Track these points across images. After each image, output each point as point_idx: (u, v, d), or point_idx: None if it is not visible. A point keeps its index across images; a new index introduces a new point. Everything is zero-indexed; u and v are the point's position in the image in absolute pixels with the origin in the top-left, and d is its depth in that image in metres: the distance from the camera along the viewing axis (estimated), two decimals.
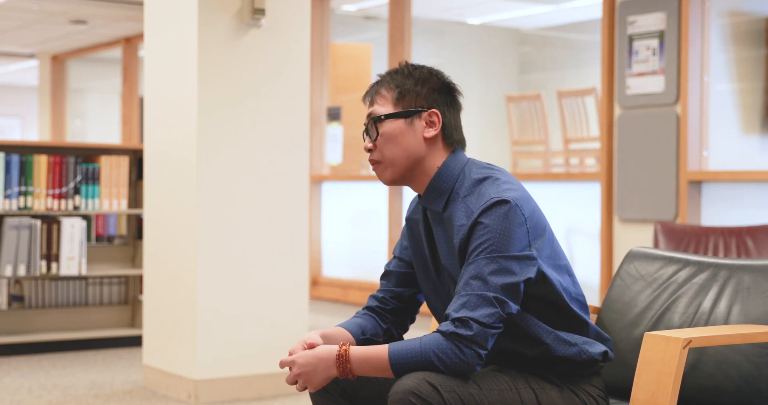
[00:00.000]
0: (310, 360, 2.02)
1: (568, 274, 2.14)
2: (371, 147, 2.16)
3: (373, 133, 2.15)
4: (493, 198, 2.03)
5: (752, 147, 5.74)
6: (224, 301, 4.19)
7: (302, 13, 4.37)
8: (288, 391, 4.32)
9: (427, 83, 2.15)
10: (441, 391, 1.92)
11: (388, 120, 2.13)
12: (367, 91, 2.20)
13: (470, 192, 2.09)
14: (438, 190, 2.14)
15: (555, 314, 2.11)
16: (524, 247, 2.02)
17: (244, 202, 4.24)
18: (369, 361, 1.99)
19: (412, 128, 2.13)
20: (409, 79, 2.15)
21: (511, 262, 2.00)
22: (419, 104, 2.14)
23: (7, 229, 5.11)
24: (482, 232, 2.01)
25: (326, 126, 7.91)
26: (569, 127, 7.73)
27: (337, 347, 2.01)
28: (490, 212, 2.02)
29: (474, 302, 1.98)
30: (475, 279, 1.99)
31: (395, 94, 2.14)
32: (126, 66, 10.68)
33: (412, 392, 1.91)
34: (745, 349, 2.23)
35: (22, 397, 4.22)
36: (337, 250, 7.92)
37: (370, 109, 2.17)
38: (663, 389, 1.99)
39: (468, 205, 2.07)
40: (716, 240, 4.44)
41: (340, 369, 2.00)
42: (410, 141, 2.13)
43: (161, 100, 4.39)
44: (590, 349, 2.12)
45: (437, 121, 2.14)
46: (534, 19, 10.20)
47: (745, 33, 5.64)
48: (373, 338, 2.26)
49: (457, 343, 1.95)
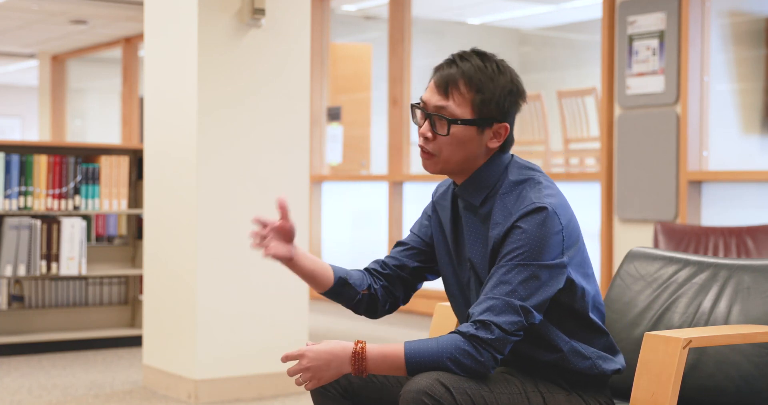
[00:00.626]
0: (322, 355, 1.98)
1: (593, 284, 2.13)
2: (430, 137, 2.09)
3: (443, 130, 2.08)
4: (534, 203, 2.02)
5: (752, 147, 5.74)
6: (224, 301, 4.19)
7: (302, 13, 4.37)
8: (288, 391, 4.32)
9: (509, 96, 2.09)
10: (453, 392, 1.91)
11: (463, 126, 2.07)
12: (441, 68, 2.11)
13: (509, 191, 2.08)
14: (479, 184, 2.11)
15: (574, 323, 2.10)
16: (557, 255, 2.02)
17: (244, 202, 4.23)
18: (385, 359, 1.98)
19: (480, 137, 2.09)
20: (493, 84, 2.07)
21: (543, 270, 1.99)
22: (495, 115, 2.08)
23: (7, 229, 5.10)
24: (518, 237, 2.00)
25: (326, 126, 7.91)
26: (569, 127, 7.73)
27: (352, 344, 1.98)
28: (528, 218, 2.01)
29: (500, 307, 1.97)
30: (505, 284, 1.98)
31: (477, 99, 2.06)
32: (126, 66, 10.68)
33: (425, 392, 1.90)
34: (745, 349, 2.23)
35: (22, 397, 4.22)
36: (337, 250, 7.92)
37: (443, 102, 2.07)
38: (663, 389, 1.99)
39: (507, 205, 2.06)
40: (716, 240, 4.44)
41: (355, 367, 1.98)
42: (473, 148, 2.09)
43: (161, 100, 4.39)
44: (603, 364, 2.12)
45: (504, 134, 2.10)
46: (534, 19, 10.20)
47: (745, 33, 5.64)
48: (354, 286, 2.22)
49: (475, 344, 1.95)
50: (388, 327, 6.17)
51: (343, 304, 2.26)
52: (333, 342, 2.00)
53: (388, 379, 2.16)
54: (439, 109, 2.08)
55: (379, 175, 7.47)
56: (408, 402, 1.92)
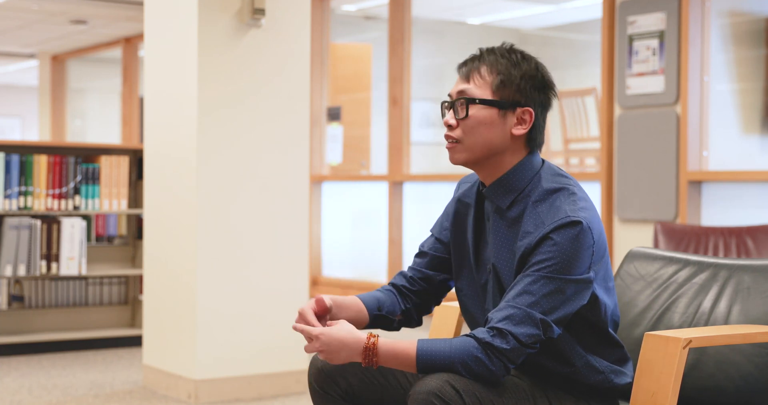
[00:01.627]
0: (334, 343, 1.97)
1: (613, 297, 2.11)
2: (453, 124, 2.08)
3: (462, 113, 2.07)
4: (570, 217, 1.98)
5: (752, 147, 5.74)
6: (224, 301, 4.19)
7: (302, 13, 4.37)
8: (288, 391, 4.32)
9: (532, 79, 2.07)
10: (463, 395, 1.90)
11: (482, 105, 2.06)
12: (464, 61, 2.11)
13: (542, 199, 2.04)
14: (508, 187, 2.08)
15: (592, 336, 2.08)
16: (585, 270, 1.98)
17: (244, 202, 4.23)
18: (397, 356, 1.96)
19: (503, 121, 2.06)
20: (515, 69, 2.06)
21: (569, 285, 1.97)
22: (518, 99, 2.06)
23: (7, 229, 5.10)
24: (549, 249, 1.97)
25: (326, 126, 7.91)
26: (569, 127, 7.73)
27: (365, 337, 1.97)
28: (562, 230, 1.97)
29: (520, 317, 1.95)
30: (528, 294, 1.96)
31: (497, 80, 2.05)
32: (126, 66, 10.68)
33: (435, 394, 1.89)
34: (745, 349, 2.23)
35: (22, 397, 4.22)
36: (337, 250, 7.92)
37: (464, 85, 2.08)
38: (663, 389, 1.99)
39: (539, 214, 2.02)
40: (716, 240, 4.43)
41: (366, 360, 1.97)
42: (497, 133, 2.06)
43: (161, 100, 4.39)
44: (615, 379, 2.10)
45: (529, 120, 2.07)
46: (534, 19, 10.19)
47: (745, 33, 5.64)
48: (389, 316, 2.22)
49: (489, 353, 1.93)
50: None
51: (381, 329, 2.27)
52: (347, 331, 1.98)
53: (389, 380, 2.16)
54: (460, 93, 2.08)
55: (379, 175, 7.47)
56: (418, 402, 1.91)
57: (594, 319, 2.06)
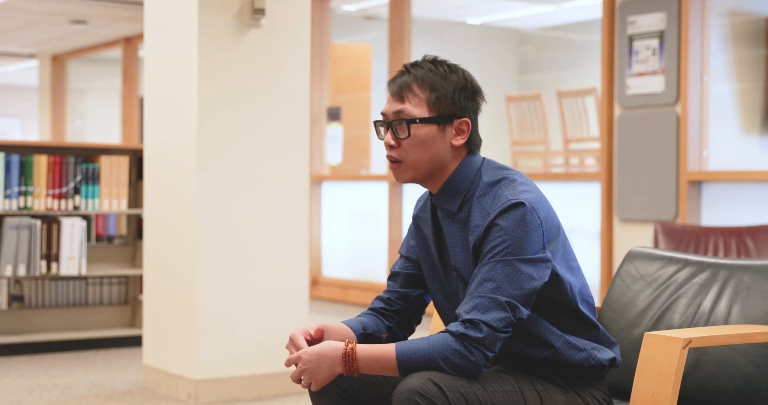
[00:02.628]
0: (314, 357, 2.00)
1: (579, 276, 2.14)
2: (394, 144, 2.12)
3: (403, 134, 2.10)
4: (510, 200, 2.02)
5: (752, 147, 5.74)
6: (224, 301, 4.19)
7: (302, 13, 4.37)
8: (288, 391, 4.32)
9: (464, 90, 2.11)
10: (446, 391, 1.92)
11: (422, 124, 2.09)
12: (395, 79, 2.14)
13: (485, 192, 2.08)
14: (453, 190, 2.12)
15: (565, 317, 2.10)
16: (539, 249, 2.02)
17: (244, 202, 4.24)
18: (376, 360, 1.99)
19: (443, 134, 2.10)
20: (446, 81, 2.10)
21: (525, 265, 2.00)
22: (453, 111, 2.10)
23: (7, 229, 5.11)
24: (498, 234, 2.01)
25: (326, 126, 7.91)
26: (569, 127, 7.73)
27: (342, 345, 2.00)
28: (506, 214, 2.01)
29: (486, 305, 1.97)
30: (489, 281, 1.99)
31: (432, 97, 2.09)
32: (126, 66, 10.68)
33: (417, 392, 1.90)
34: (745, 349, 2.23)
35: (22, 397, 4.22)
36: (337, 250, 7.92)
37: (399, 105, 2.11)
38: (663, 389, 1.99)
39: (483, 205, 2.06)
40: (716, 240, 4.44)
41: (346, 367, 1.99)
42: (438, 147, 2.10)
43: (161, 100, 4.39)
44: (599, 354, 2.12)
45: (467, 130, 2.12)
46: (534, 19, 10.20)
47: (745, 33, 5.64)
48: (375, 334, 2.25)
49: (466, 344, 1.95)
50: None
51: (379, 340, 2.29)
52: (326, 343, 2.01)
53: (387, 378, 2.16)
54: (397, 113, 2.11)
55: (379, 175, 7.47)
56: (401, 402, 1.92)
57: (561, 298, 2.08)
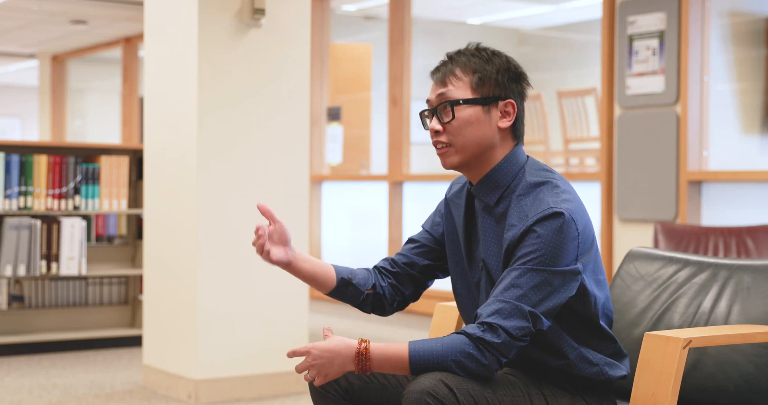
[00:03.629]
0: (326, 353, 1.97)
1: (604, 290, 2.12)
2: (440, 129, 2.10)
3: (447, 117, 2.09)
4: (552, 208, 2.00)
5: (752, 147, 5.74)
6: (224, 301, 4.19)
7: (302, 13, 4.37)
8: (288, 391, 4.32)
9: (507, 72, 2.10)
10: (457, 393, 1.91)
11: (466, 104, 2.08)
12: (437, 67, 2.13)
13: (526, 193, 2.06)
14: (494, 183, 2.10)
15: (584, 330, 2.09)
16: (571, 261, 2.00)
17: (244, 202, 4.23)
18: (389, 360, 1.97)
19: (488, 116, 2.08)
20: (489, 64, 2.09)
21: (556, 276, 1.98)
22: (497, 93, 2.09)
23: (7, 229, 5.10)
24: (533, 241, 1.98)
25: (326, 126, 7.91)
26: (569, 127, 7.73)
27: (356, 343, 1.97)
28: (545, 222, 1.98)
29: (508, 311, 1.95)
30: (516, 288, 1.97)
31: (475, 79, 2.08)
32: (126, 66, 10.68)
33: (429, 393, 1.90)
34: (745, 349, 2.23)
35: (22, 397, 4.22)
36: (337, 250, 7.92)
37: (442, 89, 2.10)
38: (663, 389, 1.99)
39: (523, 206, 2.04)
40: (716, 240, 4.44)
41: (358, 366, 1.97)
42: (484, 129, 2.08)
43: (161, 100, 4.39)
44: (610, 371, 2.11)
45: (512, 112, 2.10)
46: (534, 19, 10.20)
47: (745, 33, 5.64)
48: (358, 287, 2.22)
49: (481, 347, 1.94)
50: (389, 327, 6.17)
51: (349, 303, 2.26)
52: (338, 340, 1.99)
53: (389, 380, 2.16)
54: (441, 97, 2.10)
55: (379, 175, 7.47)
56: (411, 402, 1.91)
57: (584, 311, 2.06)
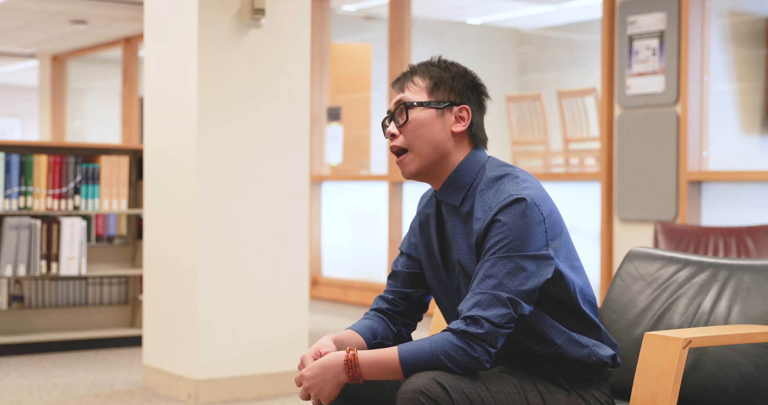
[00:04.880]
0: (317, 370, 2.01)
1: (582, 276, 2.14)
2: (396, 132, 2.15)
3: (402, 119, 2.14)
4: (512, 195, 2.02)
5: (752, 147, 5.75)
6: (224, 301, 4.20)
7: (302, 13, 4.37)
8: (288, 391, 4.32)
9: (462, 80, 2.16)
10: (450, 391, 1.92)
11: (420, 107, 2.13)
12: (398, 78, 2.19)
13: (488, 187, 2.09)
14: (457, 184, 2.13)
15: (567, 315, 2.10)
16: (541, 246, 2.02)
17: (244, 202, 4.24)
18: (379, 364, 1.99)
19: (442, 120, 2.13)
20: (445, 72, 2.15)
21: (527, 261, 2.00)
22: (452, 98, 2.14)
23: (7, 229, 5.11)
24: (499, 230, 2.01)
25: (326, 126, 7.91)
26: (569, 127, 7.73)
27: (344, 353, 2.00)
28: (508, 210, 2.01)
29: (487, 301, 1.97)
30: (490, 278, 1.99)
31: (430, 83, 2.14)
32: (126, 66, 10.68)
33: (422, 392, 1.90)
34: (745, 349, 2.23)
35: (22, 397, 4.22)
36: (337, 250, 7.92)
37: (400, 95, 2.16)
38: (663, 389, 1.99)
39: (485, 200, 2.07)
40: (716, 240, 4.44)
41: (349, 374, 1.99)
42: (438, 132, 2.12)
43: (161, 100, 4.39)
44: (600, 351, 2.12)
45: (467, 117, 2.14)
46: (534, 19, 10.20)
47: (745, 33, 5.64)
48: (384, 342, 2.25)
49: (467, 340, 1.95)
50: None
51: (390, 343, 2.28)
52: (327, 355, 2.02)
53: (388, 381, 2.16)
54: (398, 103, 2.16)
55: (379, 175, 7.48)
56: (405, 402, 1.92)
57: (563, 296, 2.08)
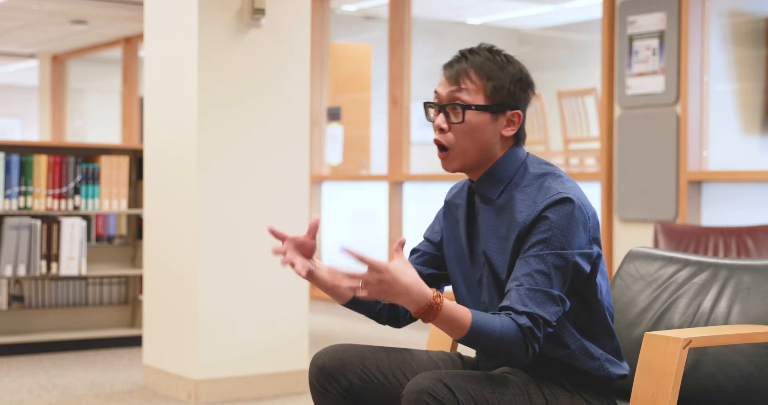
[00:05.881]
0: (398, 287, 1.91)
1: (606, 282, 2.14)
2: (446, 128, 2.11)
3: (457, 119, 2.10)
4: (561, 193, 2.03)
5: (752, 147, 5.74)
6: (224, 301, 4.19)
7: (302, 13, 4.37)
8: (288, 391, 4.32)
9: (519, 82, 2.12)
10: (456, 392, 1.91)
11: (477, 111, 2.09)
12: (451, 63, 2.14)
13: (530, 183, 2.08)
14: (496, 178, 2.12)
15: (588, 319, 2.10)
16: (585, 245, 2.04)
17: (244, 202, 4.23)
18: (452, 321, 1.94)
19: (494, 124, 2.11)
20: (503, 73, 2.10)
21: (576, 258, 2.01)
22: (508, 102, 2.11)
23: (7, 229, 5.10)
24: (546, 227, 2.01)
25: (326, 126, 7.91)
26: (569, 127, 7.73)
27: (431, 294, 1.93)
28: (556, 207, 2.01)
29: (540, 298, 1.98)
30: (540, 274, 1.98)
31: (489, 86, 2.09)
32: (126, 66, 10.68)
33: (428, 393, 1.90)
34: (745, 349, 2.23)
35: (22, 397, 4.22)
36: (337, 250, 7.91)
37: (454, 88, 2.10)
38: (663, 389, 1.99)
39: (529, 195, 2.06)
40: (716, 240, 4.44)
41: (422, 314, 1.93)
42: (489, 136, 2.11)
43: (161, 100, 4.39)
44: (610, 368, 2.11)
45: (517, 122, 2.13)
46: (534, 19, 10.19)
47: (745, 33, 5.64)
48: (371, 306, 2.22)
49: (528, 339, 1.96)
50: (389, 326, 6.17)
51: (365, 314, 2.26)
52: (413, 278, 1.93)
53: (389, 380, 2.16)
54: (453, 98, 2.11)
55: (379, 175, 7.47)
56: (410, 402, 1.91)
57: (590, 297, 2.08)
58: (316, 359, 2.18)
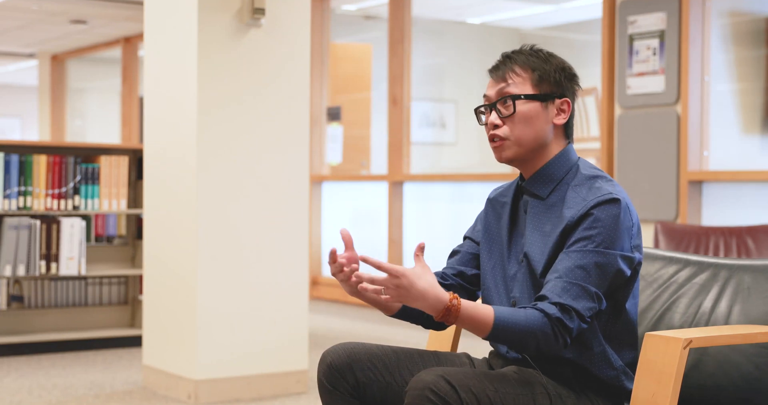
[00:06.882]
0: (414, 292, 1.93)
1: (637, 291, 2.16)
2: (499, 123, 2.15)
3: (508, 111, 2.14)
4: (611, 194, 2.06)
5: (752, 147, 5.74)
6: (224, 301, 4.19)
7: (302, 13, 4.37)
8: (288, 391, 4.32)
9: (564, 71, 2.17)
10: (458, 389, 1.92)
11: (526, 100, 2.14)
12: (496, 65, 2.19)
13: (581, 184, 2.11)
14: (548, 176, 2.15)
15: (615, 324, 2.11)
16: (628, 248, 2.05)
17: (244, 202, 4.23)
18: (473, 320, 1.96)
19: (546, 112, 2.15)
20: (547, 64, 2.16)
21: (617, 259, 2.02)
22: (555, 90, 2.15)
23: (7, 229, 5.10)
24: (593, 224, 2.03)
25: (326, 126, 7.91)
26: None
27: (447, 297, 1.95)
28: (605, 206, 2.04)
29: (576, 292, 1.99)
30: (580, 269, 2.00)
31: (535, 76, 2.14)
32: (126, 66, 10.68)
33: (430, 389, 1.90)
34: (745, 350, 2.22)
35: (22, 397, 4.22)
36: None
37: (502, 84, 2.15)
38: (663, 389, 1.99)
39: (579, 194, 2.09)
40: (716, 240, 4.43)
41: (443, 317, 1.95)
42: (542, 124, 2.14)
43: (161, 100, 4.39)
44: (626, 381, 2.12)
45: (567, 110, 2.17)
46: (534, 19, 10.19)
47: (745, 33, 5.64)
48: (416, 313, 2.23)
49: (558, 329, 1.96)
50: (389, 326, 6.17)
51: (412, 322, 2.27)
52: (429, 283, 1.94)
53: (396, 379, 2.16)
54: (502, 93, 2.15)
55: (379, 175, 7.47)
56: (413, 398, 1.92)
57: (623, 301, 2.09)
58: (326, 356, 2.19)
